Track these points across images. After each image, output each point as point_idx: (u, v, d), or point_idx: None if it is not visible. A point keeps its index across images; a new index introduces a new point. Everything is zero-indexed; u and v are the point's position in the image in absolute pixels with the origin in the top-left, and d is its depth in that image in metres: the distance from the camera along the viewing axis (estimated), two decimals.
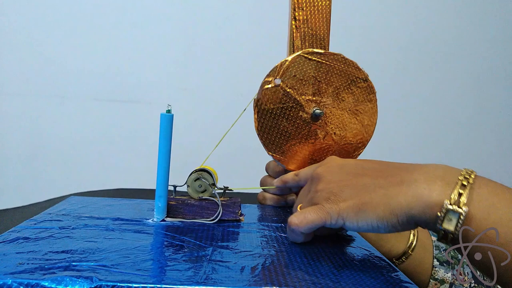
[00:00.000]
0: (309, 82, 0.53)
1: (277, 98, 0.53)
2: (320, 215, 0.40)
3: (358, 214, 0.38)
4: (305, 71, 0.53)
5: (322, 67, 0.53)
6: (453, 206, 0.33)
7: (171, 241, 0.40)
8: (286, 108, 0.53)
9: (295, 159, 0.55)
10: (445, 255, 0.60)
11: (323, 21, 0.54)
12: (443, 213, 0.34)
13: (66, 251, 0.35)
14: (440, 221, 0.34)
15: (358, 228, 0.38)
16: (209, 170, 0.50)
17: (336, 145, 0.54)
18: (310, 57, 0.53)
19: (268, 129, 0.53)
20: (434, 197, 0.34)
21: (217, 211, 0.48)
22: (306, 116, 0.54)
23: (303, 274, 0.34)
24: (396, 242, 0.60)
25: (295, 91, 0.53)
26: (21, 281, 0.29)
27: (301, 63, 0.53)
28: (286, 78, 0.52)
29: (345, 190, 0.40)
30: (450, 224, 0.34)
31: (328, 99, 0.54)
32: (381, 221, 0.37)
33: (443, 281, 0.59)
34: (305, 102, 0.53)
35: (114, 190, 0.83)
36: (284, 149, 0.54)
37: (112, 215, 0.48)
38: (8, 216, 0.64)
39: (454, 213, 0.33)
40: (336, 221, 0.39)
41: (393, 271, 0.36)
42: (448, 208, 0.33)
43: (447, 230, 0.34)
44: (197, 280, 0.31)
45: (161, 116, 0.45)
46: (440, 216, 0.34)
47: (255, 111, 0.53)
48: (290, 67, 0.52)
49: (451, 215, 0.33)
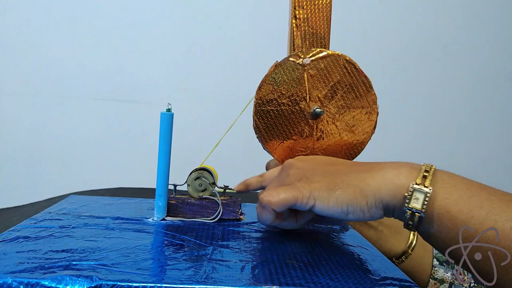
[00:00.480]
0: (328, 84, 0.52)
1: (293, 75, 0.51)
2: (293, 193, 0.40)
3: (329, 195, 0.39)
4: (333, 71, 0.52)
5: (348, 80, 0.52)
6: (420, 186, 0.36)
7: (171, 240, 0.40)
8: (294, 89, 0.52)
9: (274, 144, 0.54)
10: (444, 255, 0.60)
11: (324, 19, 0.54)
12: (410, 192, 0.36)
13: (66, 250, 0.35)
14: (407, 201, 0.36)
15: (328, 210, 0.39)
16: (209, 169, 0.50)
17: (311, 149, 0.54)
18: (347, 64, 0.52)
19: (268, 99, 0.52)
20: (402, 180, 0.37)
21: (217, 210, 0.48)
22: (306, 108, 0.53)
23: (303, 273, 0.34)
24: (396, 242, 0.60)
25: (313, 81, 0.52)
26: (21, 280, 0.29)
27: (335, 63, 0.51)
28: (314, 65, 0.51)
29: (317, 174, 0.41)
30: (417, 203, 0.36)
31: (333, 109, 0.53)
32: (351, 203, 0.38)
33: (443, 280, 0.59)
34: (313, 97, 0.53)
35: (114, 189, 0.83)
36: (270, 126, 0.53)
37: (112, 214, 0.48)
38: (8, 215, 0.64)
39: (421, 192, 0.36)
40: (307, 200, 0.39)
41: (394, 271, 0.36)
42: (415, 187, 0.36)
43: (414, 209, 0.36)
44: (197, 279, 0.31)
45: (161, 115, 0.45)
46: (407, 196, 0.36)
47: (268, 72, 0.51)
48: (324, 59, 0.51)
49: (418, 194, 0.36)
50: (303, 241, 0.43)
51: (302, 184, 0.40)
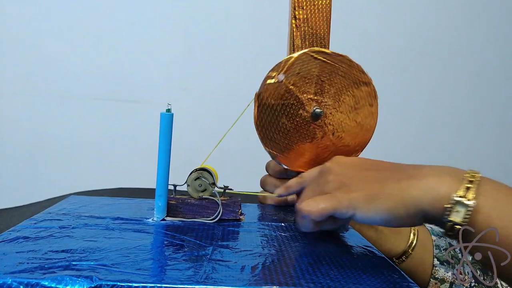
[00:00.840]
0: (312, 81, 0.53)
1: (279, 94, 0.52)
2: (332, 203, 0.40)
3: (369, 204, 0.38)
4: (309, 69, 0.52)
5: (327, 67, 0.53)
6: (462, 198, 0.35)
7: (171, 241, 0.40)
8: (287, 105, 0.53)
9: (291, 157, 0.54)
10: (445, 255, 0.60)
11: (323, 20, 0.54)
12: (452, 204, 0.35)
13: (66, 250, 0.35)
14: (447, 213, 0.35)
15: (367, 219, 0.39)
16: (209, 169, 0.50)
17: (333, 146, 0.54)
18: (316, 56, 0.52)
19: (267, 124, 0.53)
20: (444, 190, 0.36)
21: (217, 210, 0.48)
22: (306, 114, 0.53)
23: (303, 273, 0.34)
24: (396, 242, 0.60)
25: (297, 88, 0.52)
26: (21, 280, 0.29)
27: (306, 61, 0.52)
28: (290, 75, 0.52)
29: (356, 182, 0.40)
30: (458, 216, 0.35)
31: (329, 100, 0.53)
32: (391, 212, 0.37)
33: (444, 280, 0.59)
34: (306, 101, 0.53)
35: (114, 190, 0.83)
36: (281, 146, 0.54)
37: (112, 215, 0.47)
38: (8, 215, 0.64)
39: (462, 205, 0.35)
40: (346, 210, 0.39)
41: (394, 271, 0.36)
42: (456, 200, 0.35)
43: (454, 222, 0.35)
44: (197, 279, 0.31)
45: (161, 115, 0.45)
46: (448, 208, 0.35)
47: (256, 105, 0.52)
48: (295, 64, 0.52)
49: (459, 207, 0.35)
50: (303, 241, 0.43)
51: (341, 193, 0.40)
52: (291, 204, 0.59)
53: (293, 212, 0.55)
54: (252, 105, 0.53)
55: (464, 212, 0.35)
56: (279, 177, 0.60)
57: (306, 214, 0.40)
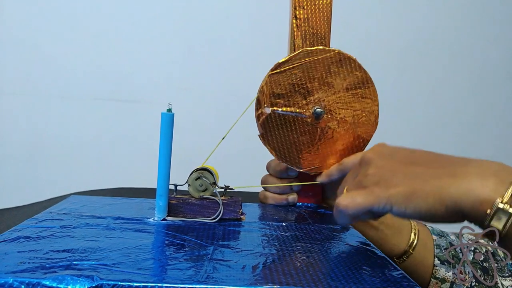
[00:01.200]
0: (293, 91, 0.53)
1: (277, 122, 0.54)
2: (369, 199, 0.39)
3: (407, 202, 0.37)
4: (283, 84, 0.53)
5: (295, 71, 0.53)
6: (505, 205, 0.33)
7: (172, 240, 0.40)
8: (289, 124, 0.53)
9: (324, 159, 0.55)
10: (445, 255, 0.60)
11: (324, 19, 0.54)
12: (494, 211, 0.33)
13: (67, 250, 0.35)
14: (489, 219, 0.33)
15: (404, 215, 0.38)
16: (210, 169, 0.50)
17: (352, 126, 0.55)
18: (279, 70, 0.53)
19: (281, 146, 0.54)
20: (487, 193, 0.34)
21: (218, 210, 0.48)
22: (310, 119, 0.54)
23: (304, 273, 0.34)
24: (397, 241, 0.60)
25: (287, 106, 0.53)
26: (22, 280, 0.29)
27: (276, 80, 0.53)
28: (273, 101, 0.53)
29: (396, 177, 0.39)
30: (499, 223, 0.33)
31: (319, 93, 0.54)
32: (430, 210, 0.36)
33: (444, 280, 0.59)
34: (302, 109, 0.54)
35: (115, 189, 0.83)
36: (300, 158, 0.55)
37: (113, 214, 0.48)
38: (9, 215, 0.64)
39: (505, 212, 0.33)
40: (384, 206, 0.38)
41: (395, 270, 0.36)
42: (499, 207, 0.33)
43: (495, 228, 0.33)
44: (198, 279, 0.31)
45: (162, 115, 0.45)
46: (490, 214, 0.33)
47: (265, 141, 0.54)
48: (269, 89, 0.53)
49: (501, 214, 0.33)
50: (303, 241, 0.43)
51: (380, 189, 0.39)
52: (292, 203, 0.59)
53: (293, 212, 0.55)
54: (252, 105, 0.54)
55: (506, 219, 0.33)
56: (279, 177, 0.60)
57: (343, 209, 0.40)
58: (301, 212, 0.56)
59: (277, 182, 0.59)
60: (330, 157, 0.55)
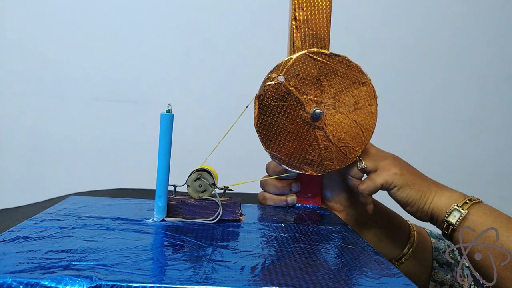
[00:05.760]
0: (311, 82, 0.53)
1: (279, 95, 0.52)
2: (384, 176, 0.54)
3: (404, 186, 0.53)
4: (309, 70, 0.53)
5: (326, 68, 0.53)
6: (459, 207, 0.52)
7: (171, 241, 0.40)
8: (287, 106, 0.53)
9: (291, 157, 0.55)
10: (445, 256, 0.60)
11: (324, 21, 0.54)
12: (451, 210, 0.52)
13: (66, 250, 0.35)
14: (447, 215, 0.52)
15: (396, 197, 0.54)
16: (209, 170, 0.50)
17: (333, 146, 0.54)
18: (315, 57, 0.53)
19: (268, 126, 0.53)
20: (451, 201, 0.53)
21: (217, 211, 0.48)
22: (306, 115, 0.54)
23: (303, 274, 0.34)
24: (396, 244, 0.60)
25: (297, 90, 0.53)
26: (21, 280, 0.29)
27: (306, 62, 0.52)
28: (290, 76, 0.52)
29: (405, 172, 0.54)
30: (453, 218, 0.51)
31: (329, 100, 0.54)
32: (415, 200, 0.53)
33: (443, 282, 0.59)
34: (306, 102, 0.53)
35: (114, 190, 0.83)
36: (282, 146, 0.54)
37: (112, 215, 0.48)
38: (9, 215, 0.64)
39: (458, 211, 0.51)
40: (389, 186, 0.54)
41: (394, 272, 0.36)
42: (455, 208, 0.52)
43: (449, 222, 0.52)
44: (197, 279, 0.31)
45: (161, 116, 0.45)
46: (448, 211, 0.52)
47: (256, 107, 0.53)
48: (294, 65, 0.52)
49: (455, 213, 0.52)
50: (303, 241, 0.43)
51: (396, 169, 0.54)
52: (291, 204, 0.59)
53: (292, 213, 0.56)
54: (252, 105, 0.54)
55: (458, 216, 0.51)
56: (279, 178, 0.60)
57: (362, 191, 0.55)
58: (300, 213, 0.56)
59: (277, 183, 0.59)
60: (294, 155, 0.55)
